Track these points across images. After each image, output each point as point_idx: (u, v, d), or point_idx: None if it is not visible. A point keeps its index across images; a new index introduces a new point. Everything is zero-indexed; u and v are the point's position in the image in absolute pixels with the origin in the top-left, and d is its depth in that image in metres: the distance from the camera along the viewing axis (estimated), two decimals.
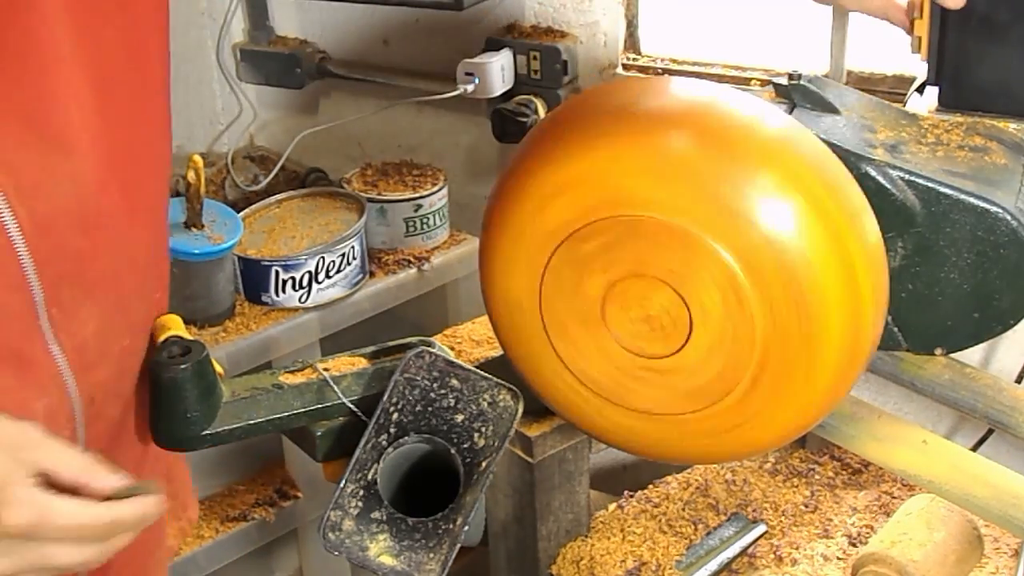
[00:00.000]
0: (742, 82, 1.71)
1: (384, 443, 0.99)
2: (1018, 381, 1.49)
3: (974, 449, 1.49)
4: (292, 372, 1.06)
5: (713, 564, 1.35)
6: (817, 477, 1.50)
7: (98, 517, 0.79)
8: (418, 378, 0.99)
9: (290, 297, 1.76)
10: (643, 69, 1.89)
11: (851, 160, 0.97)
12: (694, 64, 1.81)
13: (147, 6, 0.92)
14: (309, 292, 1.76)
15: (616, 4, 1.87)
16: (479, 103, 1.97)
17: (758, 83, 1.69)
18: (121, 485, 0.82)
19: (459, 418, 0.99)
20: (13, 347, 0.88)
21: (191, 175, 1.60)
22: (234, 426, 1.01)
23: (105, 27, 0.88)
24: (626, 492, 1.48)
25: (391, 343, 1.09)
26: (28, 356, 0.90)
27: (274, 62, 2.25)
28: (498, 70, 1.87)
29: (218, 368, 1.01)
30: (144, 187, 0.96)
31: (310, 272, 1.75)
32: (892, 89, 1.63)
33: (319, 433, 1.04)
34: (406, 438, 1.00)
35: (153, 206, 0.98)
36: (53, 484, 0.79)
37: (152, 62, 0.94)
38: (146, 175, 0.96)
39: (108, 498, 0.81)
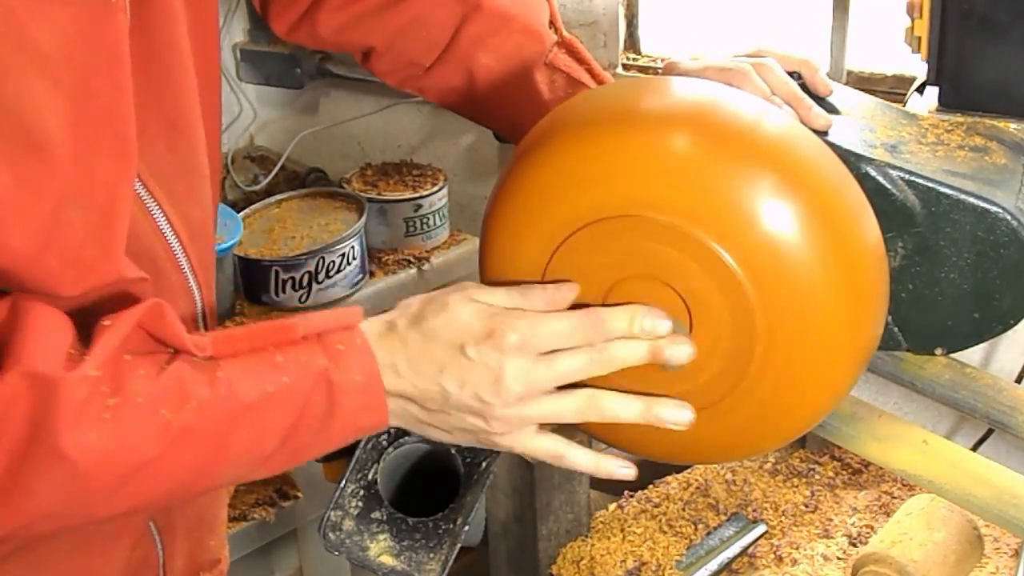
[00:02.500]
0: None
1: (384, 443, 0.99)
2: (1018, 381, 1.49)
3: (974, 449, 1.49)
4: None
5: (713, 564, 1.35)
6: (817, 477, 1.50)
7: (587, 334, 0.83)
8: None
9: (290, 297, 1.76)
10: (643, 69, 1.89)
11: (851, 160, 0.97)
12: None
13: (214, 8, 0.94)
14: (309, 292, 1.76)
15: (616, 4, 1.87)
16: None
17: None
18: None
19: None
20: None
21: None
22: None
23: (205, 37, 0.91)
24: (626, 492, 1.48)
25: None
26: None
27: (274, 62, 2.25)
28: None
29: None
30: (215, 181, 0.98)
31: (310, 272, 1.75)
32: (892, 89, 1.63)
33: None
34: (406, 438, 1.00)
35: (216, 200, 1.01)
36: None
37: (217, 65, 0.97)
38: (214, 169, 0.98)
39: None
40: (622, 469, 0.88)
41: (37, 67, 0.70)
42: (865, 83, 1.66)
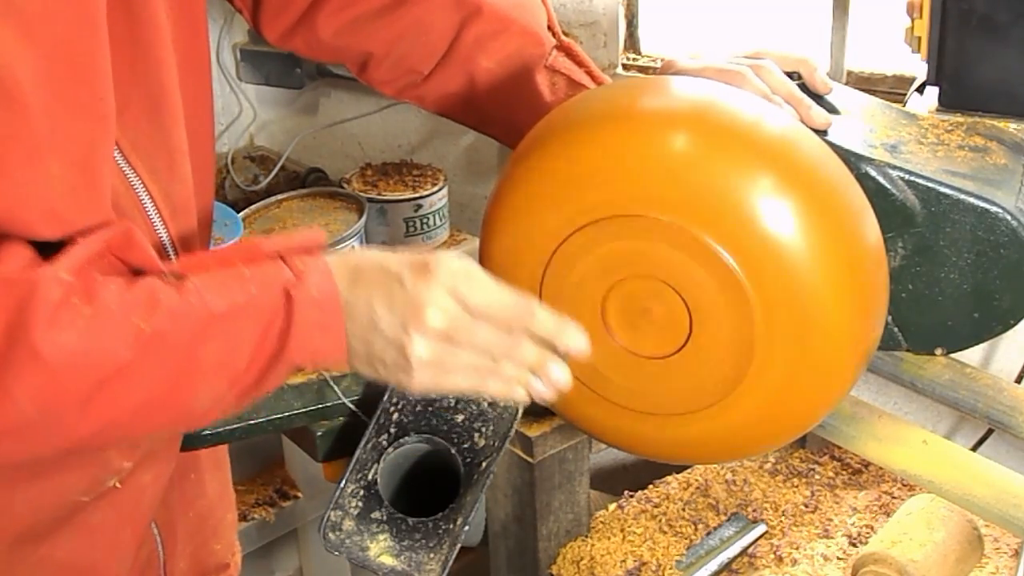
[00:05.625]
0: None
1: (384, 443, 0.99)
2: (1018, 381, 1.49)
3: (974, 449, 1.49)
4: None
5: (713, 564, 1.35)
6: (817, 477, 1.50)
7: (512, 318, 0.83)
8: None
9: None
10: (643, 69, 1.89)
11: (851, 160, 0.97)
12: None
13: None
14: None
15: (616, 4, 1.87)
16: None
17: None
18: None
19: (459, 418, 1.00)
20: None
21: None
22: (234, 426, 1.01)
23: (185, 14, 0.91)
24: (626, 492, 1.48)
25: None
26: None
27: (274, 62, 2.25)
28: None
29: None
30: (203, 169, 0.98)
31: None
32: (892, 89, 1.63)
33: (319, 433, 1.04)
34: (406, 438, 1.00)
35: (207, 189, 1.00)
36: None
37: (203, 44, 0.96)
38: (202, 157, 0.98)
39: None
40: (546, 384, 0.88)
41: (9, 17, 0.71)
42: (865, 83, 1.65)
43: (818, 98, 1.03)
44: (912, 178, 0.98)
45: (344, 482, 0.98)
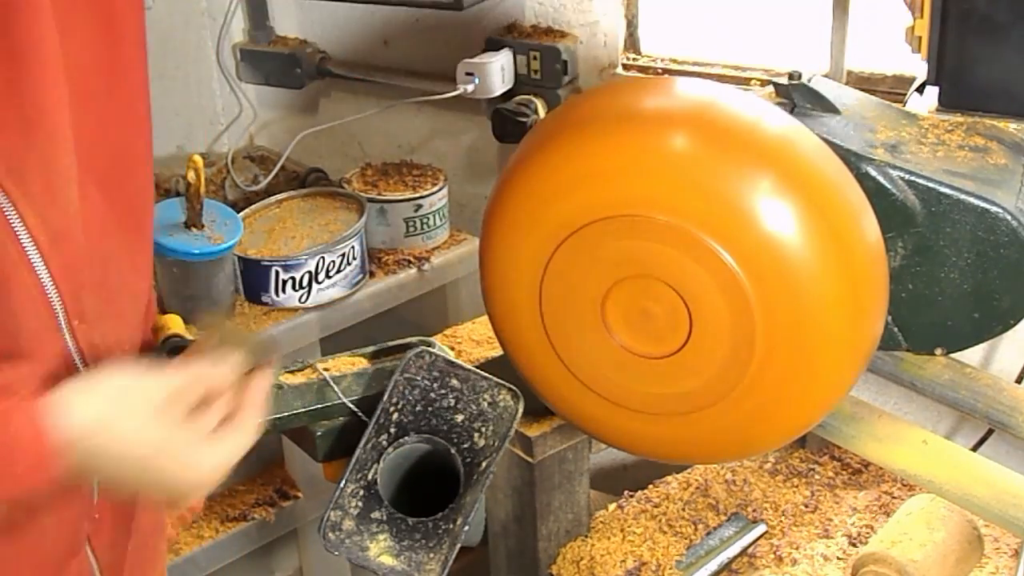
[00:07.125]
0: (742, 82, 1.71)
1: (384, 443, 0.99)
2: (1018, 381, 1.49)
3: (974, 449, 1.49)
4: (292, 372, 1.06)
5: (713, 564, 1.35)
6: (817, 477, 1.50)
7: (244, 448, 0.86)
8: (418, 378, 0.99)
9: (290, 297, 1.76)
10: (643, 69, 1.89)
11: (851, 160, 0.97)
12: (694, 64, 1.81)
13: (123, 5, 0.92)
14: (309, 292, 1.76)
15: (616, 4, 1.87)
16: (479, 103, 1.97)
17: (758, 83, 1.69)
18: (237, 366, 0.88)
19: (459, 418, 0.99)
20: (32, 349, 0.89)
21: (191, 175, 1.60)
22: None
23: (82, 27, 0.88)
24: (626, 492, 1.48)
25: (391, 343, 1.09)
26: (47, 355, 0.90)
27: (274, 62, 2.25)
28: (498, 70, 1.87)
29: None
30: (126, 188, 0.95)
31: (310, 272, 1.75)
32: (892, 89, 1.63)
33: (319, 433, 1.04)
34: (406, 438, 1.00)
35: (138, 207, 0.98)
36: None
37: (127, 63, 0.93)
38: (126, 176, 0.95)
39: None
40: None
41: None
42: (865, 83, 1.65)
43: (819, 96, 1.04)
44: (912, 178, 0.98)
45: (344, 482, 0.98)
